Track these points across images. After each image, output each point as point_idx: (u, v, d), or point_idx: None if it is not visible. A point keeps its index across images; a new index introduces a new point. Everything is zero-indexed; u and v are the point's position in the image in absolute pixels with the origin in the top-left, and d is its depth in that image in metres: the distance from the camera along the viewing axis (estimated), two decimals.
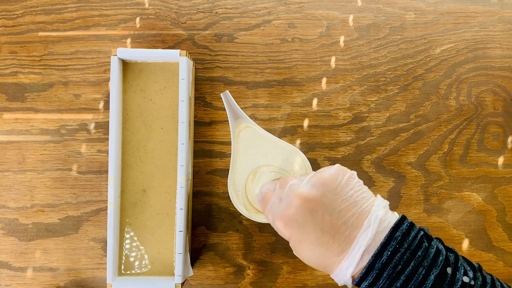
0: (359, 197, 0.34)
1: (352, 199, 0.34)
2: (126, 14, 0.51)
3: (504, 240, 0.50)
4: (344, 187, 0.34)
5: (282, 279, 0.49)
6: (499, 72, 0.51)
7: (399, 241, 0.31)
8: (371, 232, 0.32)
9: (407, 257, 0.31)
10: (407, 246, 0.31)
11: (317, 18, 0.51)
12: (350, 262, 0.32)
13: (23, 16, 0.51)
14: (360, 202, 0.34)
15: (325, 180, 0.34)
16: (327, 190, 0.34)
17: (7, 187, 0.50)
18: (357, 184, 0.35)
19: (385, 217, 0.33)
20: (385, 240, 0.31)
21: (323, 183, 0.34)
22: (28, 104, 0.50)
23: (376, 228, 0.32)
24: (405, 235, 0.32)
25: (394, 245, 0.31)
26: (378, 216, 0.32)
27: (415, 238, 0.32)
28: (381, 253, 0.31)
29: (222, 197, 0.50)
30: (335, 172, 0.35)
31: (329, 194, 0.34)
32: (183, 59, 0.45)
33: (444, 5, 0.51)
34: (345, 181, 0.34)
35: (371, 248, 0.32)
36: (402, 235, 0.32)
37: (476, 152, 0.50)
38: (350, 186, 0.34)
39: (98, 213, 0.49)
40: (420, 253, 0.31)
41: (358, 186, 0.35)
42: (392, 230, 0.32)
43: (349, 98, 0.50)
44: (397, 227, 0.32)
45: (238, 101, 0.49)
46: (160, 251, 0.46)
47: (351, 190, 0.34)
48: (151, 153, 0.47)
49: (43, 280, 0.49)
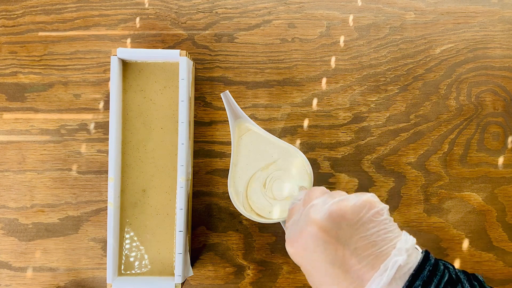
0: (381, 237, 0.31)
1: (372, 238, 0.31)
2: (126, 14, 0.51)
3: (504, 240, 0.50)
4: (366, 224, 0.31)
5: (282, 279, 0.49)
6: (499, 72, 0.51)
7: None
8: (386, 278, 0.29)
9: None
10: None
11: (317, 18, 0.51)
12: None
13: (23, 16, 0.51)
14: (380, 242, 0.31)
15: (345, 212, 0.32)
16: (345, 223, 0.31)
17: (7, 187, 0.50)
18: (383, 222, 0.32)
19: (407, 261, 0.30)
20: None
21: (342, 215, 0.32)
22: (28, 104, 0.50)
23: (393, 274, 0.29)
24: (426, 284, 0.29)
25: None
26: (397, 262, 0.29)
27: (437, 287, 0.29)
28: None
29: (222, 197, 0.50)
30: (360, 204, 0.32)
31: (347, 228, 0.31)
32: (183, 59, 0.45)
33: (444, 5, 0.51)
34: (368, 217, 0.32)
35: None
36: (422, 283, 0.29)
37: (476, 152, 0.50)
38: (373, 223, 0.31)
39: (98, 213, 0.49)
40: None
41: (383, 225, 0.32)
42: (412, 278, 0.29)
43: (349, 98, 0.50)
44: (417, 274, 0.29)
45: (238, 101, 0.49)
46: (160, 251, 0.46)
47: (374, 228, 0.31)
48: (151, 153, 0.47)
49: (43, 280, 0.49)
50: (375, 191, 0.50)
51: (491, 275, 0.49)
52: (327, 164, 0.50)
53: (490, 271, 0.49)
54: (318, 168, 0.50)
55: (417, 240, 0.49)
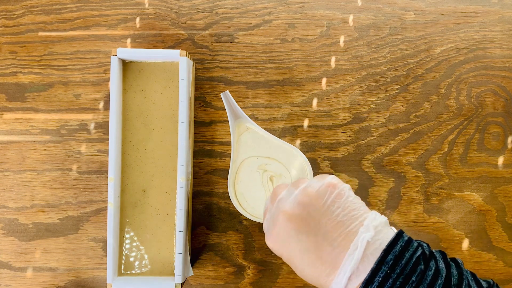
0: (347, 216, 0.32)
1: (339, 219, 0.32)
2: (126, 14, 0.51)
3: (504, 240, 0.50)
4: (331, 206, 0.32)
5: (282, 279, 0.49)
6: (499, 72, 0.51)
7: (391, 265, 0.29)
8: (357, 256, 0.30)
9: (400, 283, 0.29)
10: (399, 271, 0.29)
11: (317, 18, 0.51)
12: (337, 285, 0.30)
13: (23, 16, 0.51)
14: (347, 221, 0.32)
15: (311, 198, 0.33)
16: (312, 209, 0.32)
17: (7, 187, 0.50)
18: (346, 201, 0.33)
19: (376, 237, 0.30)
20: (376, 265, 0.29)
21: (308, 201, 0.33)
22: (28, 104, 0.50)
23: (363, 251, 0.30)
24: (398, 258, 0.29)
25: (386, 271, 0.29)
26: (365, 238, 0.30)
27: (409, 261, 0.29)
28: (371, 279, 0.29)
29: (222, 197, 0.50)
30: (323, 189, 0.33)
31: (315, 213, 0.32)
32: (183, 59, 0.45)
33: (444, 5, 0.51)
34: (332, 199, 0.32)
35: (361, 271, 0.30)
36: (394, 258, 0.29)
37: (476, 152, 0.50)
38: (337, 204, 0.32)
39: (98, 213, 0.49)
40: (414, 278, 0.29)
41: (347, 204, 0.32)
42: (384, 253, 0.30)
43: (349, 98, 0.50)
44: (389, 249, 0.30)
45: (238, 101, 0.49)
46: (160, 251, 0.46)
47: (339, 208, 0.32)
48: (151, 153, 0.47)
49: (43, 280, 0.49)
50: (375, 191, 0.50)
51: (491, 275, 0.49)
52: (327, 164, 0.50)
53: (490, 271, 0.49)
54: (318, 168, 0.50)
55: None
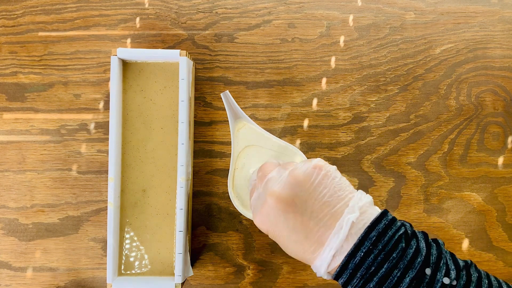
0: (333, 197, 0.33)
1: (325, 199, 0.33)
2: (126, 14, 0.51)
3: (504, 240, 0.50)
4: (318, 187, 0.33)
5: (282, 279, 0.49)
6: (499, 72, 0.51)
7: (374, 241, 0.31)
8: (342, 235, 0.31)
9: (381, 258, 0.30)
10: (381, 247, 0.30)
11: (317, 18, 0.51)
12: (322, 262, 0.32)
13: (23, 16, 0.51)
14: (333, 202, 0.33)
15: (298, 179, 0.34)
16: (300, 190, 0.33)
17: (7, 187, 0.50)
18: (332, 181, 0.34)
19: (360, 217, 0.32)
20: (359, 241, 0.31)
21: (296, 182, 0.34)
22: (28, 104, 0.50)
23: (348, 230, 0.31)
24: (381, 235, 0.31)
25: (368, 246, 0.30)
26: (350, 219, 0.31)
27: (391, 238, 0.31)
28: (354, 253, 0.31)
29: (222, 197, 0.50)
30: (310, 171, 0.34)
31: (302, 194, 0.33)
32: (183, 59, 0.45)
33: (444, 5, 0.51)
34: (319, 180, 0.34)
35: (345, 249, 0.31)
36: (377, 235, 0.31)
37: (476, 152, 0.50)
38: (323, 185, 0.33)
39: (98, 213, 0.49)
40: (395, 254, 0.30)
41: (333, 184, 0.34)
42: (368, 230, 0.31)
43: (349, 98, 0.50)
44: (373, 226, 0.31)
45: (238, 101, 0.49)
46: (160, 251, 0.46)
47: (325, 189, 0.33)
48: (151, 153, 0.47)
49: (43, 280, 0.49)
50: (375, 191, 0.50)
51: None
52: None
53: (490, 271, 0.49)
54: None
55: None
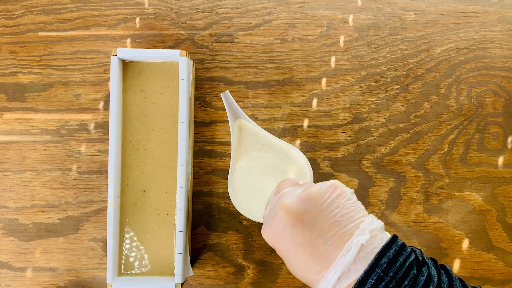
0: (344, 217, 0.32)
1: (336, 218, 0.32)
2: (126, 14, 0.51)
3: (504, 240, 0.50)
4: (330, 205, 0.33)
5: (282, 279, 0.49)
6: (499, 72, 0.51)
7: (385, 268, 0.30)
8: (350, 257, 0.30)
9: (392, 286, 0.29)
10: (393, 275, 0.29)
11: (317, 18, 0.51)
12: (326, 284, 0.31)
13: (23, 16, 0.51)
14: (343, 222, 0.32)
15: (311, 195, 0.33)
16: (311, 206, 0.33)
17: (7, 187, 0.50)
18: (345, 202, 0.33)
19: (370, 241, 0.31)
20: (370, 267, 0.30)
21: (308, 198, 0.33)
22: (28, 104, 0.50)
23: (356, 253, 0.30)
24: (392, 262, 0.30)
25: (379, 273, 0.29)
26: (359, 241, 0.31)
27: (402, 265, 0.30)
28: (364, 280, 0.29)
29: (222, 197, 0.50)
30: (325, 189, 0.34)
31: (313, 210, 0.33)
32: (183, 59, 0.45)
33: (444, 5, 0.51)
34: (332, 199, 0.33)
35: (351, 272, 0.30)
36: (388, 261, 0.30)
37: (476, 152, 0.50)
38: (336, 204, 0.33)
39: (98, 213, 0.49)
40: (407, 282, 0.29)
41: (346, 205, 0.33)
42: (378, 256, 0.30)
43: (349, 98, 0.50)
44: (383, 252, 0.30)
45: (238, 101, 0.49)
46: (160, 251, 0.46)
47: (337, 208, 0.33)
48: (151, 153, 0.47)
49: (43, 280, 0.49)
50: (375, 191, 0.50)
51: (491, 275, 0.49)
52: (327, 164, 0.50)
53: (490, 271, 0.49)
54: (318, 168, 0.50)
55: (417, 240, 0.49)
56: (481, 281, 0.49)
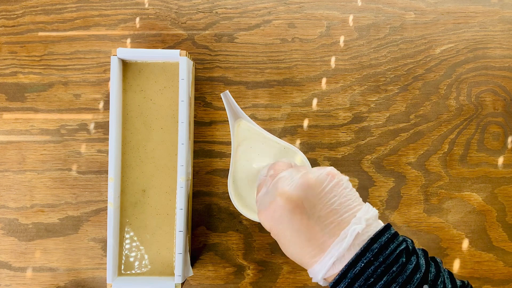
0: (342, 206, 0.33)
1: (333, 207, 0.33)
2: (126, 14, 0.51)
3: (504, 240, 0.50)
4: (328, 193, 0.34)
5: (282, 279, 0.49)
6: (499, 72, 0.51)
7: (375, 253, 0.31)
8: (346, 244, 0.32)
9: (381, 270, 0.31)
10: (382, 260, 0.31)
11: (317, 18, 0.51)
12: (321, 267, 0.32)
13: (23, 16, 0.51)
14: (341, 210, 0.33)
15: (310, 183, 0.34)
16: (310, 193, 0.34)
17: (7, 187, 0.50)
18: (343, 191, 0.34)
19: (366, 230, 0.32)
20: (361, 251, 0.31)
21: (308, 185, 0.34)
22: (28, 104, 0.50)
23: (352, 240, 0.32)
24: (383, 248, 0.31)
25: (369, 257, 0.31)
26: (355, 229, 0.32)
27: (393, 252, 0.31)
28: (354, 263, 0.31)
29: (222, 197, 0.50)
30: (323, 177, 0.35)
31: (312, 198, 0.34)
32: (183, 59, 0.45)
33: (444, 5, 0.51)
34: (330, 187, 0.34)
35: (346, 258, 0.32)
36: (379, 247, 0.31)
37: (476, 152, 0.50)
38: (334, 192, 0.34)
39: (98, 213, 0.49)
40: (395, 268, 0.31)
41: (344, 193, 0.34)
42: (370, 242, 0.31)
43: (349, 98, 0.50)
44: (376, 239, 0.32)
45: (238, 101, 0.49)
46: (160, 251, 0.46)
47: (335, 197, 0.34)
48: (151, 153, 0.47)
49: (43, 280, 0.49)
50: (375, 191, 0.50)
51: (491, 275, 0.49)
52: (327, 164, 0.50)
53: (490, 271, 0.49)
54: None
55: (417, 240, 0.49)
56: (481, 281, 0.49)
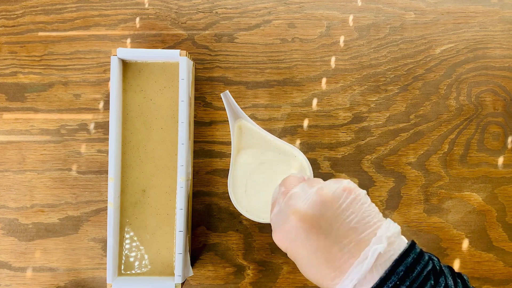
0: (360, 223, 0.31)
1: (352, 224, 0.31)
2: (126, 14, 0.51)
3: (504, 240, 0.50)
4: (345, 210, 0.32)
5: (282, 279, 0.49)
6: (499, 72, 0.51)
7: (401, 277, 0.29)
8: (366, 266, 0.29)
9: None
10: (409, 284, 0.29)
11: (317, 18, 0.51)
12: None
13: (23, 16, 0.51)
14: (360, 228, 0.31)
15: (326, 199, 0.32)
16: (326, 211, 0.32)
17: (7, 187, 0.50)
18: (361, 207, 0.32)
19: (388, 249, 0.30)
20: (386, 275, 0.29)
21: (323, 202, 0.32)
22: (28, 104, 0.50)
23: (373, 262, 0.29)
24: (409, 270, 0.29)
25: (395, 281, 0.29)
26: (376, 250, 0.30)
27: (420, 274, 0.29)
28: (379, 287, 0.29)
29: (222, 197, 0.50)
30: (339, 192, 0.32)
31: (328, 216, 0.32)
32: (183, 59, 0.45)
33: (444, 5, 0.51)
34: (347, 203, 0.32)
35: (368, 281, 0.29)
36: (405, 270, 0.29)
37: (476, 152, 0.50)
38: (352, 209, 0.32)
39: (98, 213, 0.49)
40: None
41: (362, 209, 0.32)
42: (395, 264, 0.29)
43: (349, 98, 0.50)
44: (401, 260, 0.29)
45: (238, 101, 0.49)
46: (160, 251, 0.46)
47: (353, 213, 0.32)
48: (151, 153, 0.47)
49: (43, 280, 0.49)
50: (375, 191, 0.50)
51: (491, 275, 0.49)
52: (327, 164, 0.50)
53: (490, 271, 0.49)
54: (318, 168, 0.50)
55: (417, 240, 0.49)
56: (481, 281, 0.49)
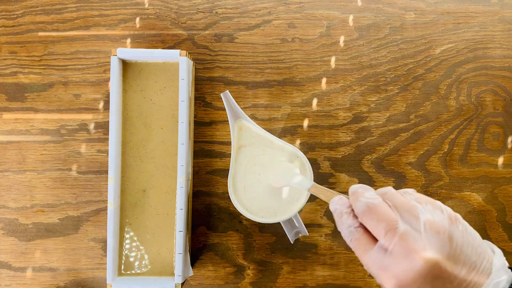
0: (476, 257, 0.29)
1: (471, 261, 0.28)
2: (126, 14, 0.51)
3: (504, 240, 0.50)
4: (462, 246, 0.29)
5: (282, 279, 0.49)
6: (499, 72, 0.51)
7: None
8: None
9: None
10: None
11: (317, 18, 0.51)
12: None
13: (23, 16, 0.51)
14: (477, 261, 0.28)
15: (445, 238, 0.28)
16: (449, 251, 0.28)
17: (7, 187, 0.50)
18: (469, 236, 0.29)
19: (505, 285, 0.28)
20: None
21: (443, 244, 0.28)
22: (28, 104, 0.50)
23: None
24: None
25: None
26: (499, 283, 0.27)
27: None
28: None
29: (222, 197, 0.50)
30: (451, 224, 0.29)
31: (451, 255, 0.28)
32: (183, 59, 0.45)
33: (444, 5, 0.51)
34: (461, 237, 0.29)
35: None
36: None
37: (476, 152, 0.50)
38: (466, 242, 0.29)
39: (98, 213, 0.49)
40: None
41: (470, 238, 0.29)
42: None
43: (349, 98, 0.50)
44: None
45: (238, 101, 0.49)
46: (160, 251, 0.46)
47: (468, 247, 0.29)
48: (151, 153, 0.47)
49: (43, 280, 0.49)
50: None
51: None
52: (327, 164, 0.50)
53: None
54: (318, 168, 0.50)
55: None
56: None
